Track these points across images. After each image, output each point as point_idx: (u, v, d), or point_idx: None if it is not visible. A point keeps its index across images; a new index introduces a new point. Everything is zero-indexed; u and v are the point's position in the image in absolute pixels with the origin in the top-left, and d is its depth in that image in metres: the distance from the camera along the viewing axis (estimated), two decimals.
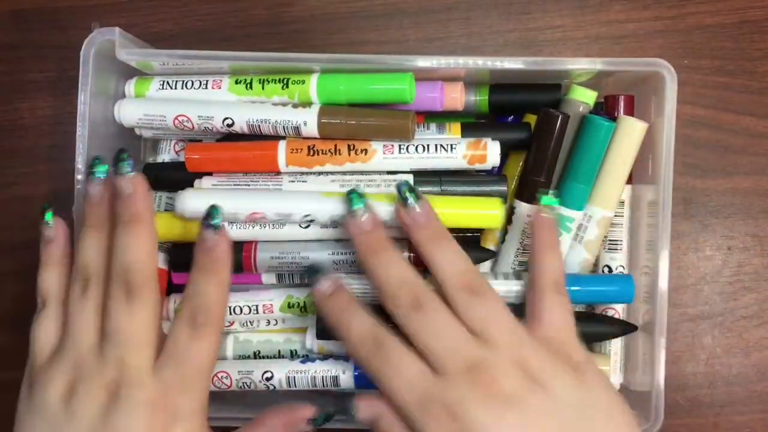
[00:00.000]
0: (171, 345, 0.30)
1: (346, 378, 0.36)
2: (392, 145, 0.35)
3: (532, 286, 0.32)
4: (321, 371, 0.36)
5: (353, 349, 0.31)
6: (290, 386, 0.36)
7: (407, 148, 0.35)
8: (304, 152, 0.35)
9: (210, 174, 0.37)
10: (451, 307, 0.30)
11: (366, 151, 0.35)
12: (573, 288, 0.35)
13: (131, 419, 0.28)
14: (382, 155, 0.35)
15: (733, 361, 0.43)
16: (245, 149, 0.36)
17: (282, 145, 0.35)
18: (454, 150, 0.35)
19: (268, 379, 0.36)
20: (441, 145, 0.35)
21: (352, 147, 0.35)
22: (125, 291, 0.30)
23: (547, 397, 0.28)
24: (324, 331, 0.36)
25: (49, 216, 0.33)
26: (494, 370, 0.29)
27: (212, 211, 0.31)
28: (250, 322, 0.39)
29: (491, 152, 0.35)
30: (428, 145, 0.35)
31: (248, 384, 0.37)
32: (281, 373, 0.36)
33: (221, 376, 0.37)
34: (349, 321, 0.31)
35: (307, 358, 0.37)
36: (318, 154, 0.35)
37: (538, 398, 0.28)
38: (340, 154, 0.35)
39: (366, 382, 0.36)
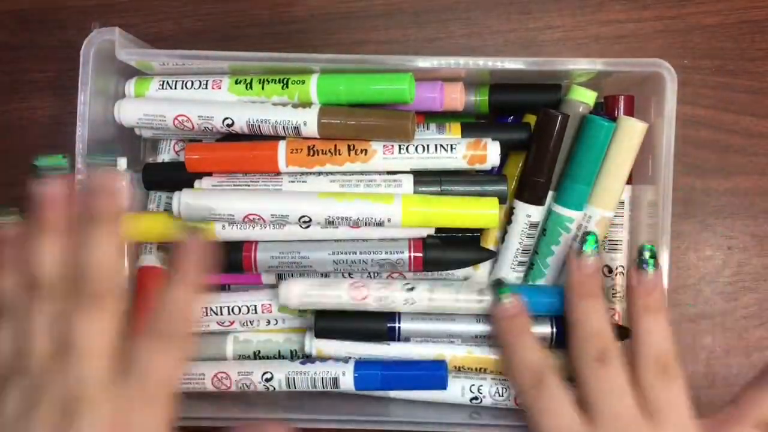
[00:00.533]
0: (134, 357, 0.28)
1: (346, 380, 0.36)
2: (392, 146, 0.35)
3: (738, 407, 0.32)
4: (321, 372, 0.36)
5: (515, 375, 0.32)
6: (290, 387, 0.36)
7: (407, 148, 0.35)
8: (303, 152, 0.35)
9: (210, 174, 0.37)
10: (638, 379, 0.31)
11: (366, 151, 0.35)
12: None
13: None
14: (382, 155, 0.35)
15: (733, 361, 0.43)
16: (245, 149, 0.36)
17: (282, 146, 0.35)
18: (454, 150, 0.35)
19: (267, 380, 0.36)
20: (441, 145, 0.35)
21: (351, 147, 0.35)
22: (85, 298, 0.27)
23: None
24: (323, 331, 0.36)
25: (6, 216, 0.31)
26: None
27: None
28: (250, 321, 0.39)
29: (491, 152, 0.35)
30: (428, 145, 0.35)
31: (248, 385, 0.37)
32: (281, 374, 0.36)
33: (221, 377, 0.37)
34: (520, 347, 0.32)
35: (307, 359, 0.37)
36: (318, 154, 0.35)
37: None
38: (339, 154, 0.35)
39: (366, 384, 0.36)
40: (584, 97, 0.37)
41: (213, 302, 0.37)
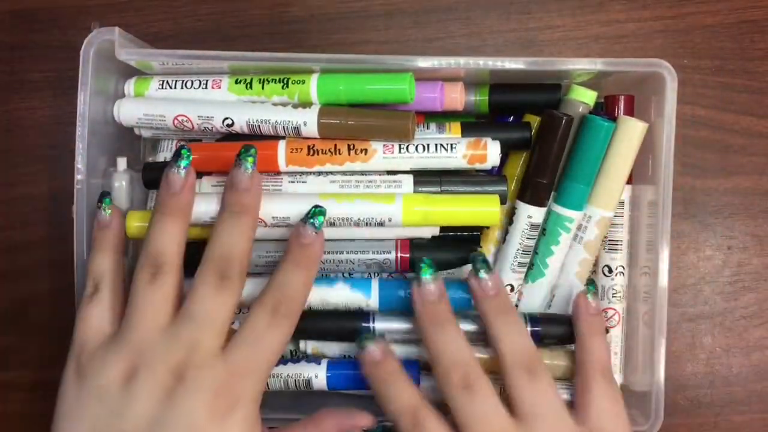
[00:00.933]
0: (248, 329, 0.30)
1: (318, 381, 0.36)
2: (392, 145, 0.35)
3: (580, 372, 0.33)
4: (293, 375, 0.36)
5: (392, 419, 0.32)
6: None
7: (407, 148, 0.35)
8: (303, 152, 0.35)
9: (210, 174, 0.37)
10: (505, 382, 0.32)
11: (366, 150, 0.35)
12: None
13: (194, 402, 0.28)
14: (382, 155, 0.35)
15: (733, 361, 0.43)
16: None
17: (282, 145, 0.35)
18: (454, 150, 0.35)
19: None
20: (441, 145, 0.35)
21: (351, 147, 0.35)
22: (218, 277, 0.30)
23: None
24: (297, 332, 0.36)
25: (107, 202, 0.34)
26: None
27: (315, 210, 0.32)
28: None
29: (491, 152, 0.35)
30: (428, 145, 0.35)
31: None
32: None
33: None
34: (392, 392, 0.32)
35: (279, 361, 0.36)
36: (318, 154, 0.35)
37: None
38: (339, 153, 0.35)
39: (338, 384, 0.36)
40: (584, 97, 0.37)
41: None
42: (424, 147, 0.35)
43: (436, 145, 0.35)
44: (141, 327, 0.30)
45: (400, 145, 0.35)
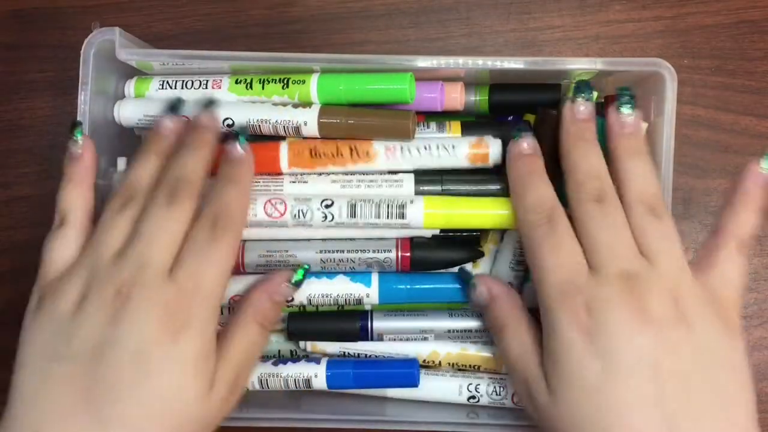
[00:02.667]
0: (190, 245, 0.30)
1: (318, 381, 0.36)
2: (393, 147, 0.35)
3: (718, 233, 0.31)
4: (293, 374, 0.36)
5: (524, 213, 0.31)
6: (263, 388, 0.36)
7: (409, 150, 0.35)
8: (306, 155, 0.35)
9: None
10: (630, 221, 0.30)
11: (368, 153, 0.35)
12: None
13: (141, 321, 0.28)
14: (385, 157, 0.35)
15: None
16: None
17: (284, 148, 0.35)
18: (456, 149, 0.35)
19: None
20: (443, 146, 0.35)
21: (353, 149, 0.35)
22: (168, 195, 0.30)
23: (688, 335, 0.28)
24: (296, 332, 0.37)
25: (78, 133, 0.33)
26: (648, 288, 0.28)
27: (239, 131, 0.33)
28: None
29: (493, 150, 0.35)
30: (429, 146, 0.35)
31: None
32: (253, 375, 0.36)
33: None
34: (533, 184, 0.32)
35: (279, 360, 0.37)
36: (320, 157, 0.35)
37: (680, 332, 0.28)
38: (342, 156, 0.35)
39: (338, 383, 0.36)
40: None
41: None
42: (426, 147, 0.35)
43: (437, 145, 0.35)
44: (98, 251, 0.30)
45: (401, 146, 0.35)
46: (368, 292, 0.36)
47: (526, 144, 0.33)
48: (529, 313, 0.33)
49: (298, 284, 0.34)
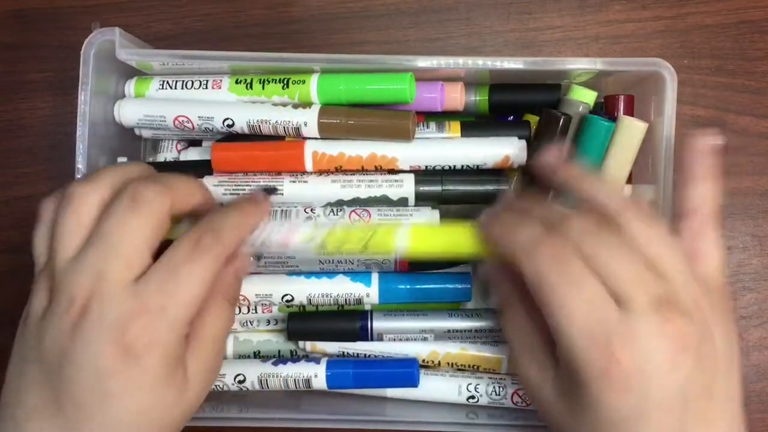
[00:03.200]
0: (164, 260, 0.27)
1: (318, 381, 0.36)
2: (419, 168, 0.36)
3: (694, 215, 0.30)
4: (293, 374, 0.36)
5: (524, 254, 0.27)
6: (263, 388, 0.36)
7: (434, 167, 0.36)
8: (328, 161, 0.35)
9: (211, 173, 0.37)
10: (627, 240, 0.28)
11: (393, 171, 0.36)
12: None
13: (98, 339, 0.26)
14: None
15: None
16: (271, 149, 0.36)
17: (308, 150, 0.35)
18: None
19: (240, 382, 0.36)
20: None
21: (378, 168, 0.35)
22: (131, 198, 0.27)
23: (713, 348, 0.27)
24: (295, 332, 0.37)
25: None
26: (680, 311, 0.26)
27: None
28: (250, 321, 0.39)
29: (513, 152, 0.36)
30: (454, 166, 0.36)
31: (221, 387, 0.36)
32: (253, 375, 0.36)
33: None
34: (522, 223, 0.29)
35: (279, 360, 0.37)
36: (345, 175, 0.36)
37: (707, 348, 0.27)
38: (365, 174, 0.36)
39: (338, 383, 0.36)
40: (584, 97, 0.37)
41: None
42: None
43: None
44: (57, 250, 0.28)
45: (426, 166, 0.36)
46: (368, 292, 0.36)
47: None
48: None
49: (257, 257, 0.33)
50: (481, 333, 0.36)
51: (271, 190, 0.35)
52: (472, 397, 0.37)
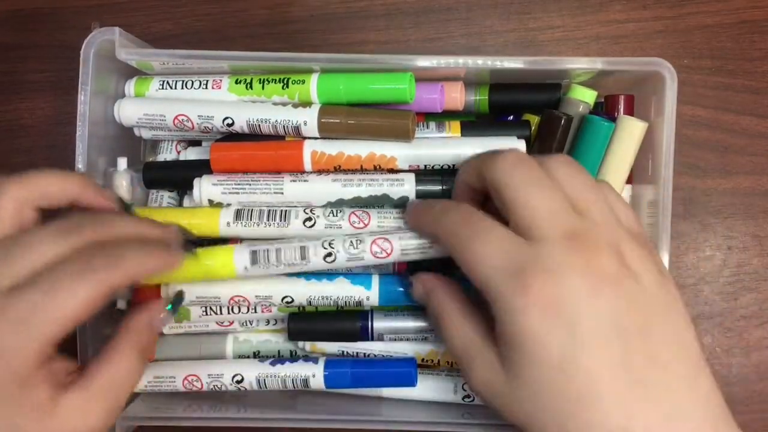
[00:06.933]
0: (49, 270, 0.26)
1: (316, 380, 0.36)
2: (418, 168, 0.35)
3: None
4: (291, 374, 0.36)
5: (436, 221, 0.30)
6: (261, 388, 0.36)
7: (433, 167, 0.35)
8: (327, 160, 0.35)
9: (211, 172, 0.37)
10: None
11: (392, 170, 0.35)
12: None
13: None
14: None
15: (733, 361, 0.43)
16: (270, 149, 0.36)
17: (307, 151, 0.35)
18: None
19: (238, 382, 0.36)
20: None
21: (378, 168, 0.35)
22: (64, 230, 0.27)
23: (638, 286, 0.27)
24: (296, 332, 0.37)
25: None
26: (596, 245, 0.27)
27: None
28: (250, 321, 0.39)
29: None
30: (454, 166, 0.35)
31: (219, 387, 0.36)
32: (251, 375, 0.36)
33: (191, 380, 0.36)
34: (438, 201, 0.31)
35: (276, 360, 0.37)
36: (344, 174, 0.36)
37: (631, 284, 0.27)
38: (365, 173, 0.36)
39: (337, 382, 0.36)
40: (584, 97, 0.37)
41: (212, 302, 0.37)
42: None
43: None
44: None
45: (425, 165, 0.35)
46: (368, 295, 0.36)
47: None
48: (470, 301, 0.31)
49: (174, 310, 0.33)
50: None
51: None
52: (468, 396, 0.37)
